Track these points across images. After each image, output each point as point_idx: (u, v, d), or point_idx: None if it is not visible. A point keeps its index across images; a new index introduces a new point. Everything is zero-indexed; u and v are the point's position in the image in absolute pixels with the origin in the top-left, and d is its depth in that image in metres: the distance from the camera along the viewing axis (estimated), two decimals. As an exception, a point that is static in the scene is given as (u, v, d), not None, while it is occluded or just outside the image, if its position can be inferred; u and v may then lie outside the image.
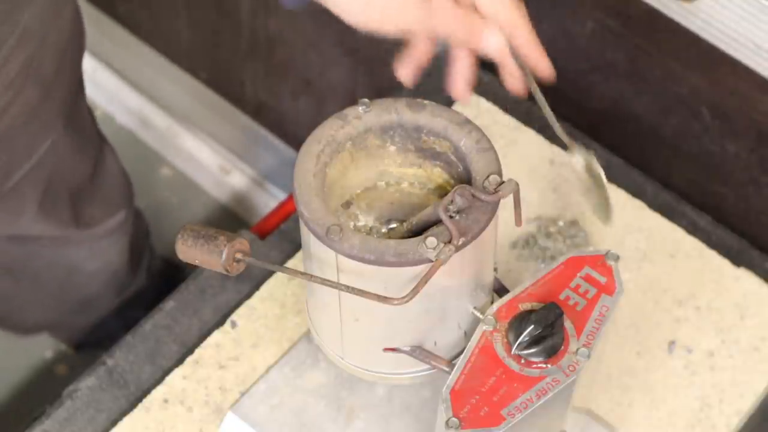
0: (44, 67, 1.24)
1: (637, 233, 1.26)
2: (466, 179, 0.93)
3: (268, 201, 1.96)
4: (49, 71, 1.26)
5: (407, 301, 0.87)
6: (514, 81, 0.96)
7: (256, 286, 1.23)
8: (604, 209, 1.01)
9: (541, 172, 1.30)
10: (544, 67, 0.96)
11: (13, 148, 1.29)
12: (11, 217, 1.38)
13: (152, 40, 1.92)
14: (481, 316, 0.94)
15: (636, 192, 1.29)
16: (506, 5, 0.93)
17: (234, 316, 1.21)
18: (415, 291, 0.87)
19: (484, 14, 0.93)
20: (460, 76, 0.97)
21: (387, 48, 1.52)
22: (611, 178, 1.30)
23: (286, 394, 1.15)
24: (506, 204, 0.91)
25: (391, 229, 0.95)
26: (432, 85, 1.39)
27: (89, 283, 1.62)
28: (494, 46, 0.94)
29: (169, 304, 1.22)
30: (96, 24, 1.95)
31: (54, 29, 1.24)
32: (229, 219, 2.03)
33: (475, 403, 0.90)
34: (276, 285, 1.23)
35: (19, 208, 1.37)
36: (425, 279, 0.87)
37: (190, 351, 1.19)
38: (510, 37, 0.94)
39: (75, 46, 1.32)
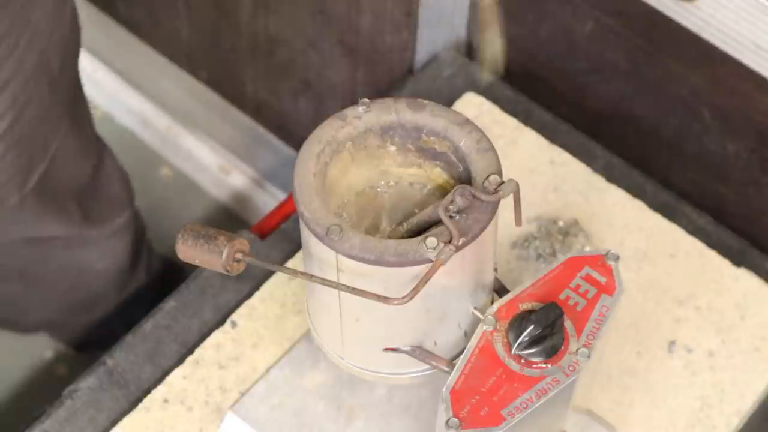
0: (52, 63, 1.26)
1: (637, 233, 1.26)
2: (466, 179, 0.93)
3: (268, 201, 1.95)
4: (55, 68, 1.28)
5: (407, 301, 0.87)
6: None
7: (256, 286, 1.23)
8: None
9: (541, 172, 1.30)
10: None
11: (32, 147, 1.30)
12: (32, 218, 1.39)
13: (152, 40, 1.91)
14: (481, 316, 0.94)
15: (636, 192, 1.29)
16: None
17: (234, 316, 1.21)
18: (415, 291, 0.87)
19: None
20: None
21: (387, 48, 1.52)
22: (611, 178, 1.30)
23: (286, 394, 1.15)
24: (506, 204, 0.91)
25: (392, 229, 0.95)
26: (432, 85, 1.39)
27: (96, 282, 1.63)
28: None
29: (169, 304, 1.22)
30: (96, 24, 1.94)
31: (58, 26, 1.25)
32: (229, 219, 2.03)
33: (475, 403, 0.90)
34: (276, 285, 1.22)
35: (39, 209, 1.38)
36: (425, 279, 0.87)
37: (190, 351, 1.19)
38: None
39: (74, 43, 1.34)
